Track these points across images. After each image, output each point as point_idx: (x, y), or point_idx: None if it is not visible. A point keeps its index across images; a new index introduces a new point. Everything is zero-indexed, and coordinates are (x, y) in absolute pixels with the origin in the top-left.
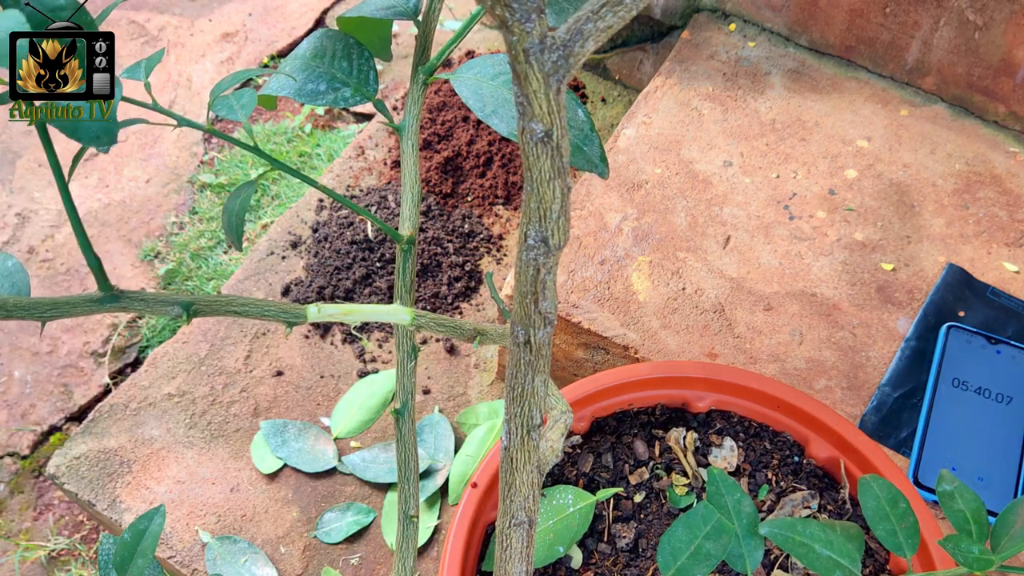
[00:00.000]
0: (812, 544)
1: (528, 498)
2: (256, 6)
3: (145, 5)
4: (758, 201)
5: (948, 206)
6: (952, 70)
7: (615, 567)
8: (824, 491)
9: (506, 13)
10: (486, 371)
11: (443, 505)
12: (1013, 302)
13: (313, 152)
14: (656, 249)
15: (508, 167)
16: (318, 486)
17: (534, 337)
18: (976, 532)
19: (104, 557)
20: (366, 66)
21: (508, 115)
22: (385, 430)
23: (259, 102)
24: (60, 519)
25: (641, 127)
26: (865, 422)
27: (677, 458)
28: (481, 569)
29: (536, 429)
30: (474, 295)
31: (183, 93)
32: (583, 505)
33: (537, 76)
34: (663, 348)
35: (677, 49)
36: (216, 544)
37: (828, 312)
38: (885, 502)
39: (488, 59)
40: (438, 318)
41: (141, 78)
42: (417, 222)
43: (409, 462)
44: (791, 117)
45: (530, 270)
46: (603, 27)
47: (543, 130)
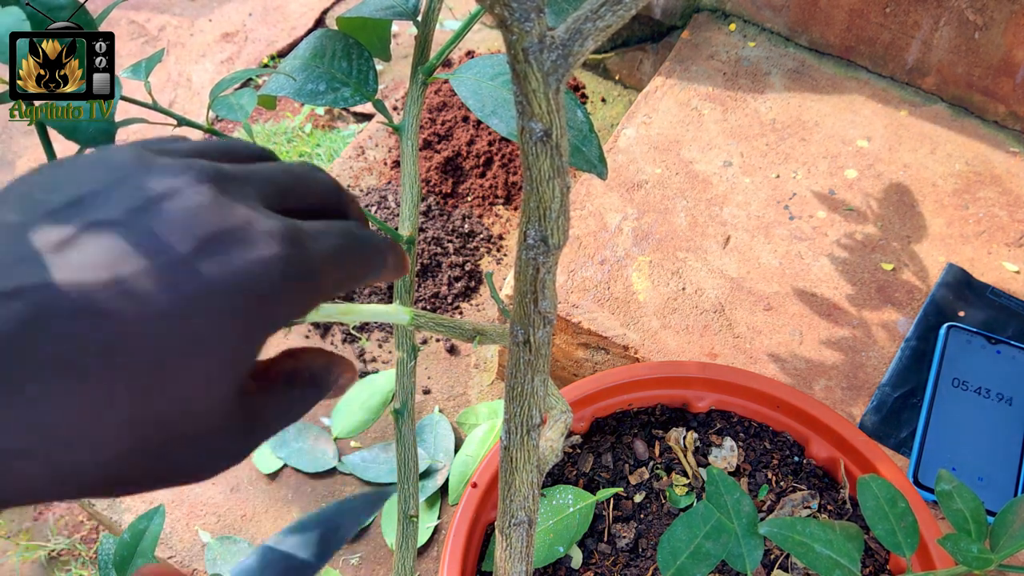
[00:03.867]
0: (812, 543)
1: (528, 498)
2: (256, 6)
3: (145, 5)
4: (758, 201)
5: (948, 206)
6: (952, 70)
7: (615, 567)
8: (824, 491)
9: (505, 12)
10: (486, 371)
11: (443, 505)
12: (1013, 302)
13: (313, 152)
14: (656, 249)
15: (508, 167)
16: (318, 486)
17: (533, 337)
18: (975, 531)
19: (104, 557)
20: (366, 66)
21: (508, 115)
22: (385, 430)
23: (259, 102)
24: (60, 519)
25: (641, 127)
26: (865, 422)
27: (677, 458)
28: (481, 569)
29: (536, 429)
30: (474, 295)
31: (183, 93)
32: (583, 505)
33: (536, 75)
34: (663, 348)
35: (677, 49)
36: (216, 544)
37: (828, 312)
38: (884, 502)
39: (488, 59)
40: (437, 318)
41: (141, 78)
42: (417, 222)
43: (409, 462)
44: (791, 117)
45: (529, 269)
46: (602, 27)
47: (542, 129)
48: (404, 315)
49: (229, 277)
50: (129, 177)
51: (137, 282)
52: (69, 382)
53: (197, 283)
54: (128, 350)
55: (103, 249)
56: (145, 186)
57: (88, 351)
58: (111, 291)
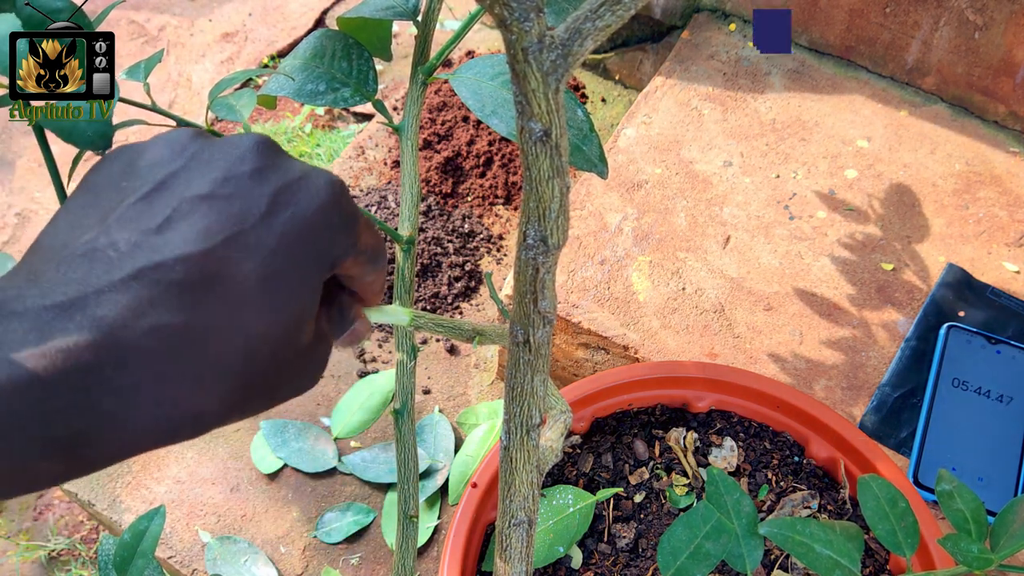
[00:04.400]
0: (812, 544)
1: (528, 498)
2: (256, 6)
3: (145, 5)
4: (758, 201)
5: (948, 206)
6: (952, 70)
7: (615, 567)
8: (824, 491)
9: (505, 12)
10: (486, 371)
11: (443, 505)
12: (1013, 302)
13: (313, 152)
14: (656, 249)
15: (508, 167)
16: (318, 486)
17: (533, 337)
18: (975, 531)
19: (104, 557)
20: (366, 66)
21: (507, 115)
22: (385, 430)
23: (259, 102)
24: (60, 519)
25: (641, 127)
26: (865, 422)
27: (677, 458)
28: (481, 569)
29: (536, 429)
30: (474, 295)
31: (183, 93)
32: (583, 505)
33: (536, 75)
34: (663, 348)
35: (677, 49)
36: (216, 544)
37: (828, 312)
38: (884, 502)
39: (487, 59)
40: (437, 318)
41: (140, 79)
42: (417, 222)
43: (409, 462)
44: (791, 117)
45: (529, 269)
46: (602, 26)
47: (542, 129)
48: (404, 315)
49: (301, 222)
50: (198, 154)
51: (228, 248)
52: (193, 343)
53: (277, 233)
54: (236, 300)
55: (197, 224)
56: (214, 161)
57: (203, 311)
58: (211, 259)
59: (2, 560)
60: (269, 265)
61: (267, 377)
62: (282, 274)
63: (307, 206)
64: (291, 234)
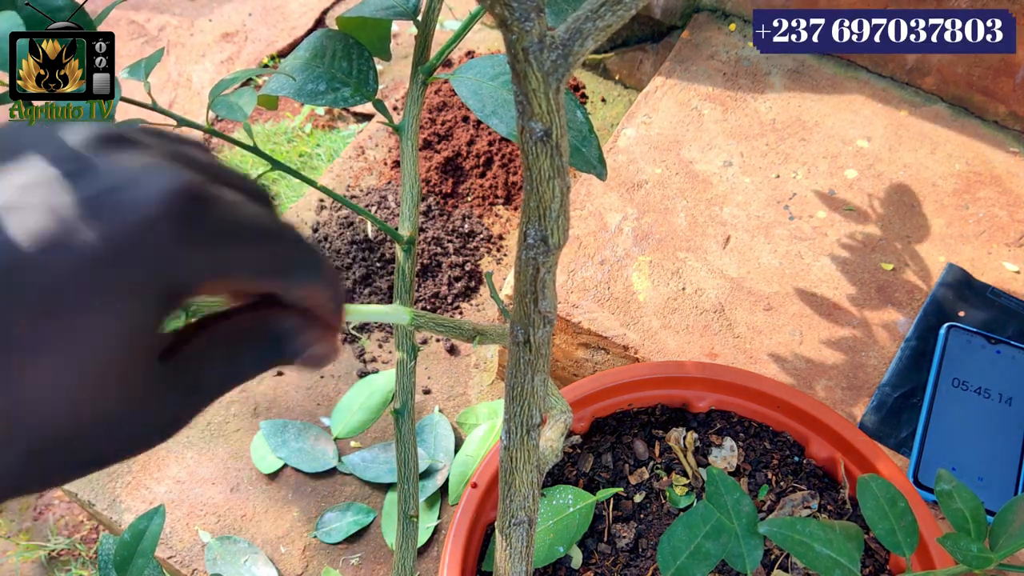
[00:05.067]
0: (811, 543)
1: (528, 498)
2: (256, 6)
3: (145, 5)
4: (758, 201)
5: (948, 206)
6: (952, 70)
7: (615, 567)
8: (824, 491)
9: (505, 12)
10: (486, 371)
11: (443, 505)
12: (1013, 302)
13: (313, 152)
14: (656, 249)
15: (508, 167)
16: (318, 486)
17: (533, 337)
18: (975, 531)
19: (104, 557)
20: (366, 66)
21: (508, 115)
22: (385, 430)
23: (259, 102)
24: (60, 519)
25: (641, 127)
26: (865, 422)
27: (677, 458)
28: (481, 569)
29: (536, 429)
30: (474, 295)
31: (183, 93)
32: (583, 505)
33: (536, 75)
34: (663, 348)
35: (677, 49)
36: (216, 544)
37: (828, 312)
38: (884, 502)
39: (488, 59)
40: (437, 318)
41: (141, 78)
42: (417, 222)
43: (409, 462)
44: (791, 117)
45: (529, 269)
46: (602, 26)
47: (542, 129)
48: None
49: (111, 243)
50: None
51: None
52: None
53: (79, 246)
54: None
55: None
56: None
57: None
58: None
59: (2, 560)
60: (50, 303)
61: (68, 441)
62: (76, 311)
63: (123, 223)
64: (100, 251)
